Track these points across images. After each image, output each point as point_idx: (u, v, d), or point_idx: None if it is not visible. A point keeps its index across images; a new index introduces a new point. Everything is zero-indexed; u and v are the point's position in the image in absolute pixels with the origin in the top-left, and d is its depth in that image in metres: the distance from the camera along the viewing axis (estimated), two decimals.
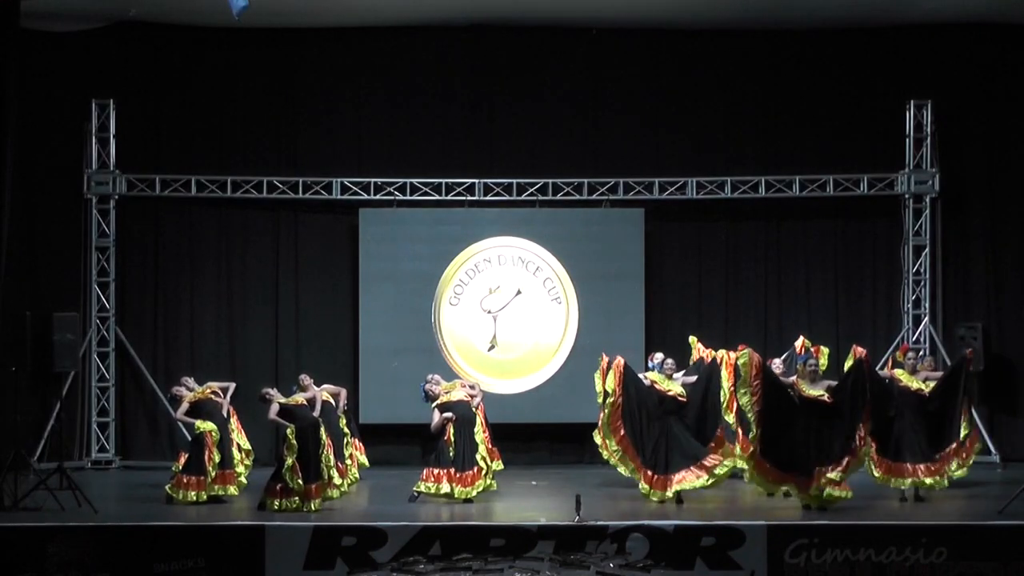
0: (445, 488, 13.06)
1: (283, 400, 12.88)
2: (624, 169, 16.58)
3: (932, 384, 13.38)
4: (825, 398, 12.58)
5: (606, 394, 13.42)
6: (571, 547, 11.06)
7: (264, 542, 11.11)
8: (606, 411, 13.43)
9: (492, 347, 16.39)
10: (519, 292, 16.49)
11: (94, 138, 16.15)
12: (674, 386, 13.45)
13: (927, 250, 16.49)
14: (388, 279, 16.33)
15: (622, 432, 13.37)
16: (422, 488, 13.10)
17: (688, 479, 13.12)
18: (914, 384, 13.30)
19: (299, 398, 13.01)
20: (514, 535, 11.18)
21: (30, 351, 13.51)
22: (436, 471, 13.12)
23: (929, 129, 16.37)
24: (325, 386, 13.72)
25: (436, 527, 11.30)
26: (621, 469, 13.50)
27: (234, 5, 12.80)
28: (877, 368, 13.71)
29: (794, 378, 12.92)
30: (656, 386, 13.47)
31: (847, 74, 16.78)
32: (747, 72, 16.84)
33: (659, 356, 13.97)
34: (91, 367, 16.07)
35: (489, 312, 16.50)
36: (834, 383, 12.79)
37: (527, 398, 16.34)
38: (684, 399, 13.42)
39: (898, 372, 13.44)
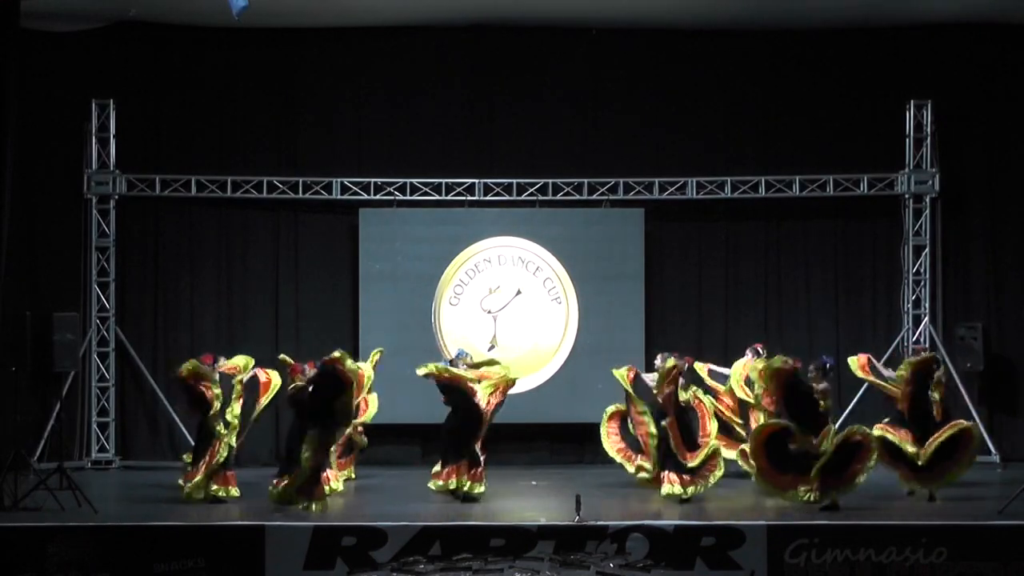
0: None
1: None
2: (624, 169, 16.58)
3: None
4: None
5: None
6: (571, 547, 11.06)
7: (264, 542, 11.11)
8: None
9: (492, 347, 16.36)
10: (519, 292, 16.49)
11: (94, 138, 16.15)
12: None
13: (927, 250, 16.48)
14: (388, 279, 16.34)
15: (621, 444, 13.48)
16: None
17: (665, 484, 13.11)
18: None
19: None
20: (514, 535, 11.18)
21: (30, 351, 13.50)
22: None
23: (929, 129, 16.36)
24: None
25: (436, 527, 11.29)
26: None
27: (234, 5, 12.80)
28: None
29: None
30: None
31: (847, 74, 16.78)
32: (747, 72, 16.84)
33: (659, 358, 14.00)
34: (91, 367, 16.06)
35: (489, 312, 16.50)
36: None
37: (527, 398, 16.29)
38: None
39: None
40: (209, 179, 16.35)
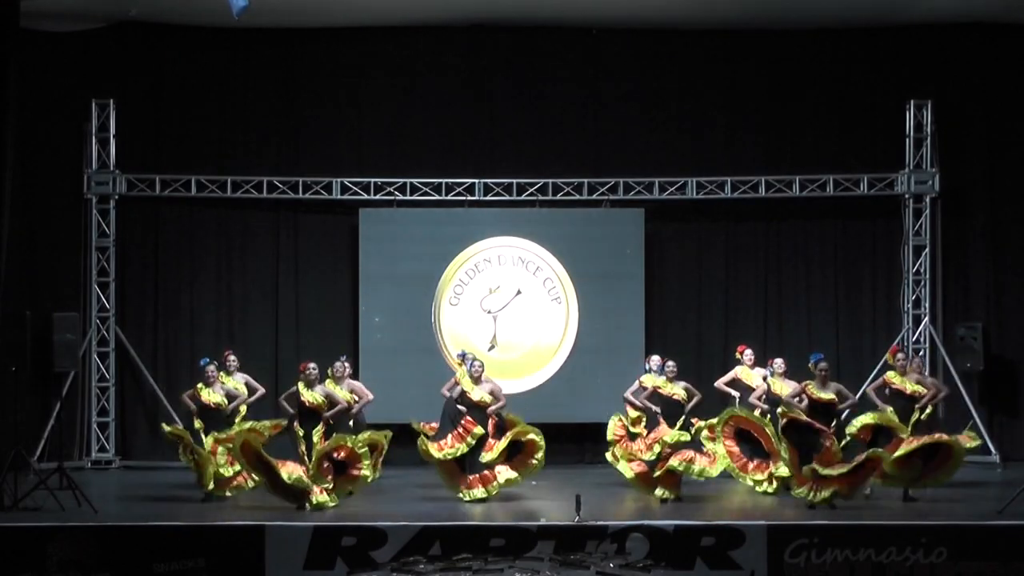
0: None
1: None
2: (624, 169, 16.58)
3: (923, 388, 13.37)
4: (835, 401, 12.70)
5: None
6: (571, 547, 11.05)
7: (264, 542, 11.11)
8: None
9: (492, 347, 16.38)
10: (519, 292, 16.49)
11: (94, 138, 16.14)
12: (676, 388, 13.48)
13: (927, 250, 16.48)
14: (388, 279, 16.33)
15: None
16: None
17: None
18: (908, 387, 13.28)
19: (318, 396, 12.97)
20: (514, 535, 11.18)
21: (30, 351, 13.50)
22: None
23: (929, 129, 16.36)
24: (355, 383, 13.91)
25: (436, 527, 11.29)
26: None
27: (234, 5, 12.80)
28: (873, 373, 13.80)
29: (804, 383, 12.93)
30: (659, 390, 13.52)
31: (847, 74, 16.78)
32: (747, 72, 16.84)
33: (656, 359, 14.00)
34: (91, 367, 16.06)
35: (489, 312, 16.50)
36: (842, 387, 12.90)
37: (527, 398, 16.28)
38: (685, 401, 13.45)
39: (890, 375, 13.41)
40: (209, 179, 16.35)
